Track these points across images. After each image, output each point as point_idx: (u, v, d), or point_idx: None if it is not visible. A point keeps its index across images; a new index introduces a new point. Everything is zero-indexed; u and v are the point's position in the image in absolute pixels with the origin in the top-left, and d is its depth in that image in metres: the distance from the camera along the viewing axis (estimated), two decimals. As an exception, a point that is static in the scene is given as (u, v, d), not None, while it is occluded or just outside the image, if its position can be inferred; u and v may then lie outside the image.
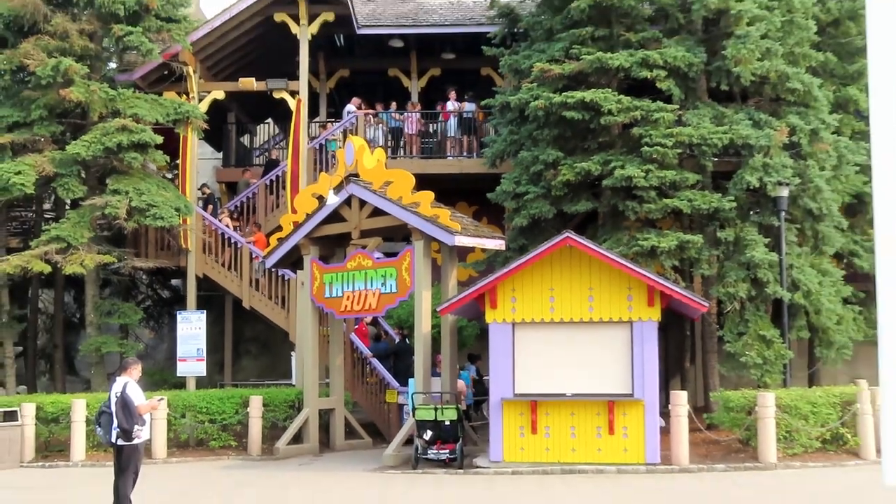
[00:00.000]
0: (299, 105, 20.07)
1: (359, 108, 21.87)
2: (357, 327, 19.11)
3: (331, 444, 16.93)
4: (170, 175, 21.87)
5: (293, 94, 20.30)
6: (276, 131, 26.14)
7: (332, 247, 17.12)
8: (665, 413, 14.49)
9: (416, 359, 15.23)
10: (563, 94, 16.18)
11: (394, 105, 22.55)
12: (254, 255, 19.79)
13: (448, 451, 14.11)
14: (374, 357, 18.26)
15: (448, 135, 21.88)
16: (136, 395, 10.15)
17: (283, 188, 20.60)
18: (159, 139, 18.30)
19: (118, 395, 10.05)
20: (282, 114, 22.82)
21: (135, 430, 10.03)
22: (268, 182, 21.47)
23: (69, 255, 17.49)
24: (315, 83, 23.78)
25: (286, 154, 20.91)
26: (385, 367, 18.02)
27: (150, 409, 10.53)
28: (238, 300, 20.60)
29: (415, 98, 23.42)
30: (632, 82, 16.75)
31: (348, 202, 16.06)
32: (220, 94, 20.70)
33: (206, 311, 19.49)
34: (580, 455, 13.57)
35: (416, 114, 22.33)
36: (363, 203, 15.85)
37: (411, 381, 15.54)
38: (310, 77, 21.39)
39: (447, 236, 14.56)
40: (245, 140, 26.57)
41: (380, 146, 19.79)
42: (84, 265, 17.50)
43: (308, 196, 16.83)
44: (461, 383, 15.96)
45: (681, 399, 13.88)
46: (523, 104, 16.89)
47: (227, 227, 20.58)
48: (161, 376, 21.11)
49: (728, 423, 14.74)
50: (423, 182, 16.28)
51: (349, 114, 21.71)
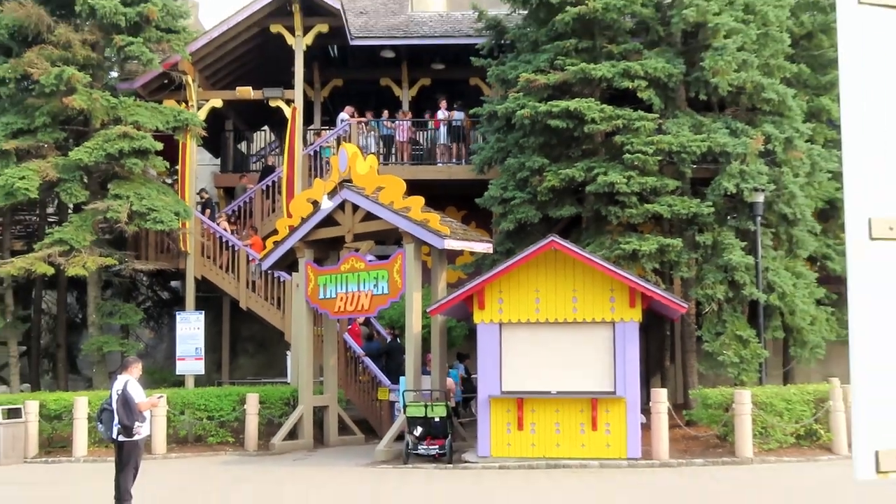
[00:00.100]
0: (294, 113, 20.05)
1: (352, 116, 21.85)
2: (350, 327, 19.08)
3: (325, 440, 16.90)
4: (169, 180, 21.81)
5: (289, 102, 20.27)
6: (272, 138, 26.10)
7: (327, 250, 17.11)
8: (646, 410, 14.52)
9: (407, 358, 15.23)
10: (549, 103, 16.21)
11: (385, 113, 22.54)
12: (250, 258, 19.74)
13: (438, 446, 14.11)
14: (366, 356, 18.24)
15: (438, 142, 21.89)
16: (137, 393, 10.11)
17: (279, 193, 20.57)
18: (159, 146, 18.28)
19: (119, 392, 10.01)
20: (278, 121, 22.79)
21: (135, 427, 9.99)
22: (264, 187, 21.42)
23: (72, 258, 17.43)
24: (310, 92, 23.75)
25: (282, 160, 20.86)
26: (377, 365, 18.00)
27: (150, 407, 10.49)
28: (235, 301, 20.55)
29: (406, 107, 23.40)
30: (614, 92, 16.79)
31: (342, 207, 16.05)
32: (218, 103, 20.66)
33: (204, 311, 19.44)
34: (564, 450, 13.58)
35: (407, 122, 22.34)
36: (356, 208, 15.84)
37: (402, 379, 15.52)
38: (304, 86, 21.40)
39: (437, 240, 14.57)
40: (242, 147, 26.52)
41: (372, 153, 19.80)
42: (86, 267, 17.44)
43: (303, 201, 16.82)
44: (450, 381, 15.96)
45: (661, 396, 13.91)
46: (510, 113, 16.92)
47: (225, 230, 20.52)
48: (161, 375, 21.05)
49: (706, 419, 14.79)
50: (413, 188, 16.30)
51: (342, 122, 21.69)
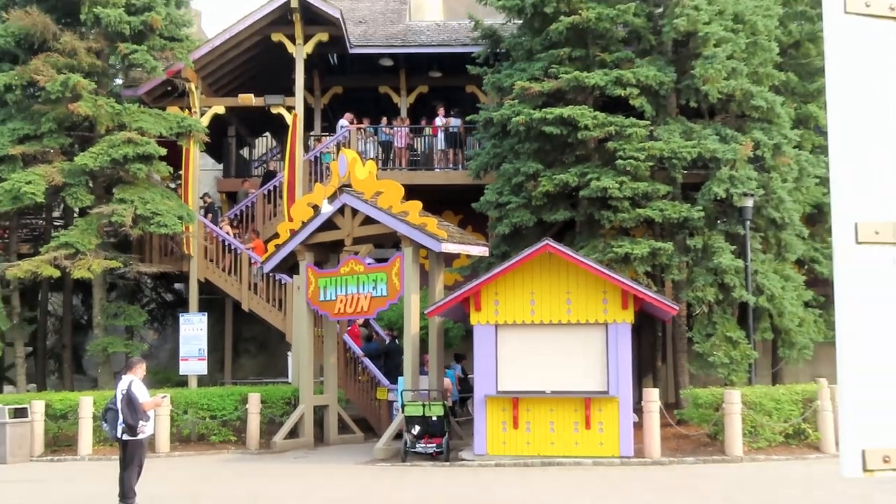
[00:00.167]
0: (295, 120, 20.05)
1: (351, 122, 21.86)
2: (350, 328, 19.07)
3: (325, 438, 16.88)
4: (173, 185, 21.78)
5: (289, 109, 20.28)
6: (274, 144, 26.09)
7: (327, 253, 17.11)
8: (638, 409, 14.53)
9: (405, 358, 15.23)
10: (543, 110, 16.22)
11: (384, 120, 22.54)
12: (252, 261, 19.73)
13: (435, 445, 14.10)
14: (365, 356, 18.23)
15: (436, 148, 21.91)
16: (141, 393, 10.10)
17: (281, 198, 20.58)
18: (163, 151, 18.27)
19: (123, 392, 10.00)
20: (279, 128, 22.81)
21: (139, 426, 9.99)
22: (266, 192, 21.42)
23: (77, 261, 17.40)
24: (310, 99, 23.77)
25: (283, 165, 20.87)
26: (376, 366, 17.99)
27: (154, 406, 10.49)
28: (237, 303, 20.53)
29: (404, 113, 23.41)
30: (607, 99, 16.82)
31: (342, 211, 16.06)
32: (220, 109, 20.67)
33: (207, 313, 19.45)
34: (559, 448, 13.58)
35: (405, 128, 22.35)
36: (355, 212, 15.85)
37: (400, 379, 15.52)
38: (305, 93, 21.40)
39: (434, 243, 14.58)
40: (244, 152, 26.53)
41: (371, 158, 19.79)
42: (91, 270, 17.41)
43: (304, 205, 16.82)
44: (447, 381, 15.96)
45: (653, 396, 13.92)
46: (505, 120, 16.93)
47: (228, 234, 20.52)
48: (164, 375, 21.03)
49: (697, 418, 14.79)
50: (411, 192, 16.30)
51: (342, 128, 21.70)
